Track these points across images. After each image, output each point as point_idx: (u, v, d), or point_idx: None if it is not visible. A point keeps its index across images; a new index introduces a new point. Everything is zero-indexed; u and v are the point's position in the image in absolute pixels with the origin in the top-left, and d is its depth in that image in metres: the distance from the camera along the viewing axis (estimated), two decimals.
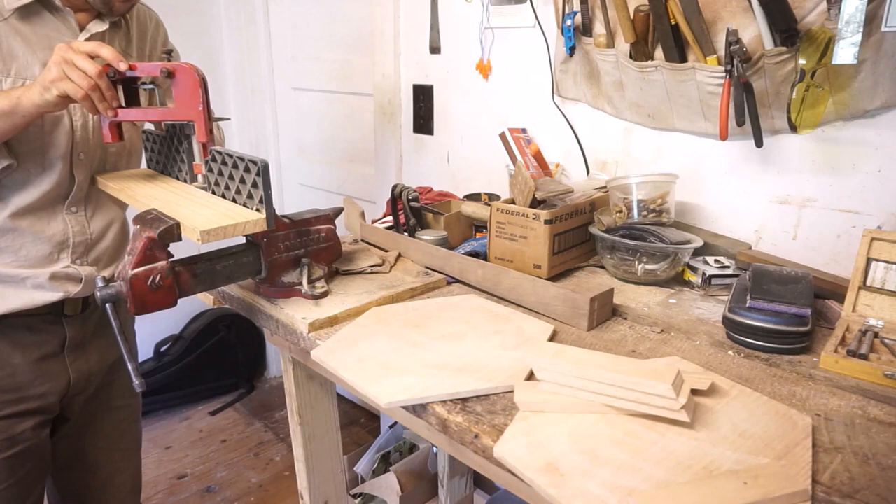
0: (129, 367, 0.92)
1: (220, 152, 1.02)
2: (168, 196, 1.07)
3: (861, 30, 0.94)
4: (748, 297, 0.97)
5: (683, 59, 1.23)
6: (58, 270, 1.10)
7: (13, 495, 1.12)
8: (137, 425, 1.40)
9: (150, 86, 1.12)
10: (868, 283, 0.99)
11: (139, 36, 1.23)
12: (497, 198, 1.56)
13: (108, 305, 0.91)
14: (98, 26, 1.11)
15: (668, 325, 1.04)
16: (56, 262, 1.11)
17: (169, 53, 1.17)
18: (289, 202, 2.77)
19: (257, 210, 0.96)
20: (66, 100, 0.95)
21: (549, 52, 1.53)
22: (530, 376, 0.84)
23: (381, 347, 0.93)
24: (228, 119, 1.33)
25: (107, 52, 0.96)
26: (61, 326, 1.15)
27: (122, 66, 0.96)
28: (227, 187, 1.02)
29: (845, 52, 0.96)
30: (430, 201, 1.52)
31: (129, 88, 1.09)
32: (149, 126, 1.28)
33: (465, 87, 1.78)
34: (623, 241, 1.19)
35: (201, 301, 1.21)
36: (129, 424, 1.36)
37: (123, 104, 1.08)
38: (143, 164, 1.34)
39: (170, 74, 1.02)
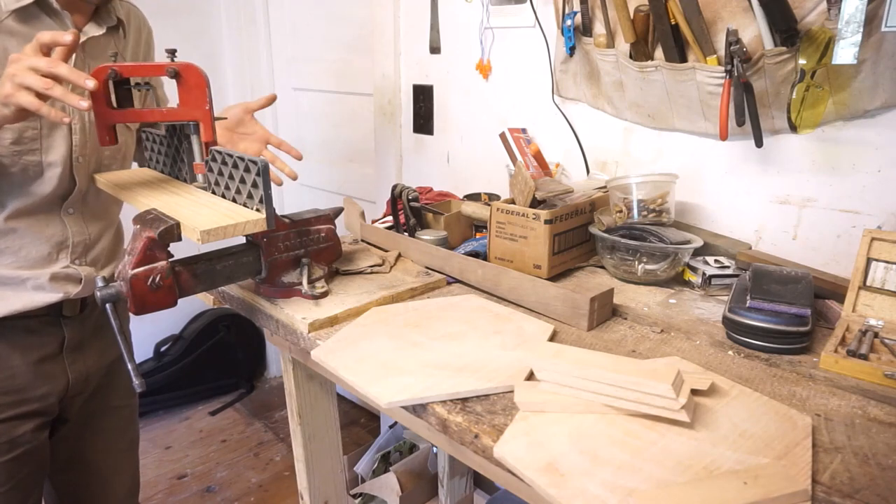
0: (129, 367, 0.92)
1: (220, 152, 1.02)
2: (168, 196, 1.07)
3: (861, 30, 0.94)
4: (748, 297, 0.97)
5: (683, 59, 1.23)
6: (58, 271, 1.10)
7: (12, 498, 1.12)
8: (135, 425, 1.39)
9: (146, 86, 1.11)
10: (868, 283, 0.99)
11: (134, 38, 1.23)
12: (497, 198, 1.56)
13: (108, 305, 0.91)
14: (94, 29, 1.10)
15: (668, 325, 1.04)
16: (55, 263, 1.11)
17: (173, 53, 1.16)
18: (289, 202, 2.77)
19: (257, 210, 0.96)
20: (24, 113, 0.88)
21: (549, 52, 1.53)
22: (530, 376, 0.84)
23: (381, 347, 0.93)
24: (225, 118, 1.33)
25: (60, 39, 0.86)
26: (60, 328, 1.15)
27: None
28: (227, 187, 1.02)
29: (845, 52, 0.96)
30: (430, 201, 1.52)
31: (121, 89, 1.09)
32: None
33: (465, 87, 1.78)
34: (623, 241, 1.19)
35: (201, 301, 1.21)
36: (128, 424, 1.36)
37: (115, 104, 1.07)
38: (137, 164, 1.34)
39: (176, 74, 1.02)
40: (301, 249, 1.10)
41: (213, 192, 1.07)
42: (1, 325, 1.08)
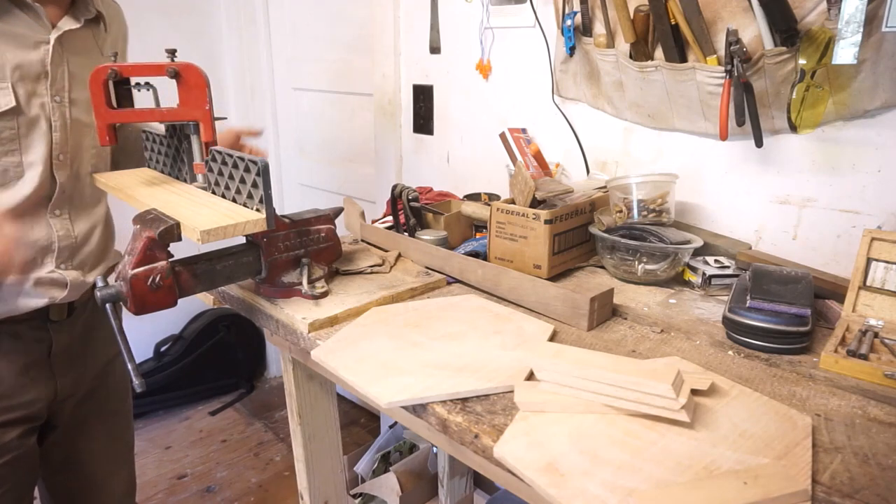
0: (129, 367, 0.92)
1: (220, 152, 1.02)
2: (168, 196, 1.07)
3: (861, 30, 0.94)
4: (748, 297, 0.97)
5: (683, 59, 1.23)
6: (42, 276, 1.08)
7: None
8: (130, 427, 1.38)
9: (147, 86, 1.11)
10: (868, 283, 0.99)
11: (113, 32, 1.20)
12: (497, 198, 1.56)
13: (107, 306, 0.91)
14: (70, 23, 1.06)
15: (668, 325, 1.04)
16: (40, 268, 1.08)
17: (173, 53, 1.15)
18: (289, 202, 2.77)
19: (257, 210, 0.96)
20: None
21: (549, 52, 1.53)
22: (530, 376, 0.84)
23: (381, 347, 0.93)
24: (225, 118, 1.33)
25: None
26: (47, 332, 1.13)
27: None
28: (227, 187, 1.02)
29: (845, 52, 0.96)
30: (430, 201, 1.52)
31: (120, 89, 1.08)
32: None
33: (465, 87, 1.78)
34: (623, 241, 1.19)
35: (201, 301, 1.20)
36: (122, 427, 1.34)
37: (115, 104, 1.07)
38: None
39: (176, 74, 1.02)
40: (301, 249, 1.10)
41: (213, 192, 1.07)
42: None
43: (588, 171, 1.53)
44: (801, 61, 1.07)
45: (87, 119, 1.11)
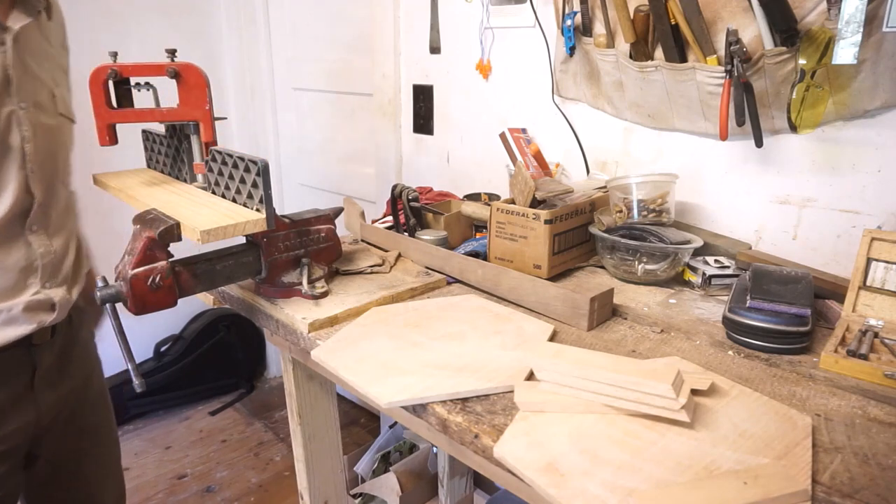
0: (129, 366, 0.92)
1: (220, 152, 1.02)
2: (168, 196, 1.07)
3: (861, 30, 0.94)
4: (748, 297, 0.97)
5: (683, 59, 1.23)
6: (30, 299, 0.99)
7: None
8: (114, 437, 1.30)
9: (147, 87, 1.11)
10: (868, 283, 0.99)
11: (56, 20, 1.09)
12: (497, 198, 1.56)
13: (107, 306, 0.91)
14: (22, 19, 0.94)
15: (668, 325, 1.04)
16: (25, 290, 0.99)
17: (173, 53, 1.14)
18: (289, 202, 2.77)
19: (257, 210, 0.96)
20: None
21: (549, 52, 1.53)
22: (530, 376, 0.84)
23: (381, 347, 0.93)
24: (225, 118, 1.33)
25: None
26: (30, 357, 1.03)
27: None
28: (227, 187, 1.03)
29: (845, 52, 0.96)
30: (430, 201, 1.52)
31: (120, 89, 1.08)
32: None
33: (465, 87, 1.78)
34: (623, 241, 1.19)
35: (201, 301, 1.20)
36: (106, 439, 1.27)
37: (115, 105, 1.07)
38: (141, 165, 1.34)
39: (176, 74, 1.02)
40: (301, 249, 1.10)
41: (213, 192, 1.07)
42: None
43: (588, 171, 1.53)
44: (801, 61, 1.07)
45: (54, 122, 1.02)
